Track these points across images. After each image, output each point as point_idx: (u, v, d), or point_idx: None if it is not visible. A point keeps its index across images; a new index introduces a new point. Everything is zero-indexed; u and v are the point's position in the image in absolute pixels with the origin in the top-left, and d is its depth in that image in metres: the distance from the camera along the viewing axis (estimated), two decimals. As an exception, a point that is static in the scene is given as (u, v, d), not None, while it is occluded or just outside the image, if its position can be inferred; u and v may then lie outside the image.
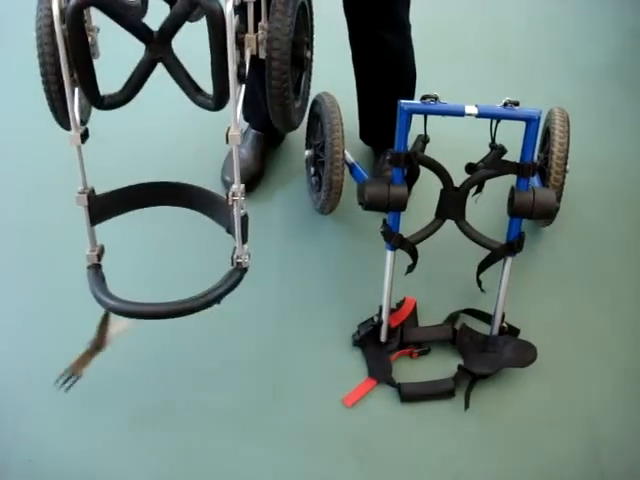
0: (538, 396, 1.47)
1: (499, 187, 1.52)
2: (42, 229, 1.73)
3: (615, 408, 1.47)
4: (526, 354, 1.48)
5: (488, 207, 1.60)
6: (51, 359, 1.43)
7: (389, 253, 1.48)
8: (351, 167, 1.73)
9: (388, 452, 1.38)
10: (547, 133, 1.74)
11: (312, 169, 1.79)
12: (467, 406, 1.44)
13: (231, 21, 1.07)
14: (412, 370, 1.50)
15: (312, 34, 1.52)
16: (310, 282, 1.67)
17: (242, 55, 1.17)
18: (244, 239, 1.27)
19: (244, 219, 1.25)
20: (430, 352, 1.53)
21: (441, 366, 1.50)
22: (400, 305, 1.59)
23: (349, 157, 1.73)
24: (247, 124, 1.85)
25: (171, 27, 1.14)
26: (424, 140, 1.43)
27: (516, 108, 1.39)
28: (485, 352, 1.51)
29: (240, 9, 1.16)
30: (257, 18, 1.22)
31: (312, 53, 1.54)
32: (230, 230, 1.28)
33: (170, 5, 1.18)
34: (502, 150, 1.42)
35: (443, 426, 1.42)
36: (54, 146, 1.58)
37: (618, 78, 2.35)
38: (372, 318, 1.54)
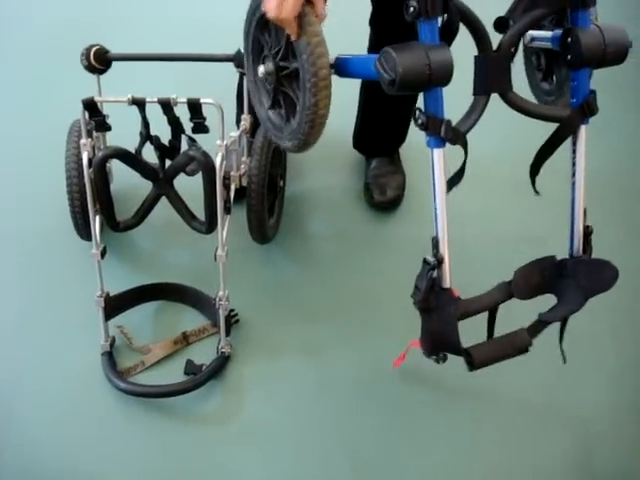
0: (531, 399, 1.49)
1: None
2: (35, 234, 1.75)
3: (608, 412, 1.49)
4: (604, 273, 1.18)
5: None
6: (41, 364, 1.51)
7: (436, 152, 1.07)
8: (339, 65, 1.19)
9: (380, 459, 1.40)
10: None
11: (269, 88, 1.26)
12: (565, 359, 1.24)
13: (220, 170, 1.38)
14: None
15: (285, 167, 1.81)
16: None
17: (228, 193, 1.47)
18: (227, 333, 1.51)
19: (228, 318, 1.51)
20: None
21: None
22: None
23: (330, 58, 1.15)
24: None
25: (173, 172, 1.48)
26: None
27: None
28: (562, 282, 1.21)
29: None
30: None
31: (284, 182, 1.80)
32: (216, 324, 1.53)
33: (173, 134, 1.47)
34: None
35: (436, 433, 1.43)
36: (43, 152, 1.63)
37: (609, 88, 2.37)
38: (425, 261, 1.13)
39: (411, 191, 1.87)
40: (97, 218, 1.46)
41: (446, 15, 1.03)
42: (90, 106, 1.39)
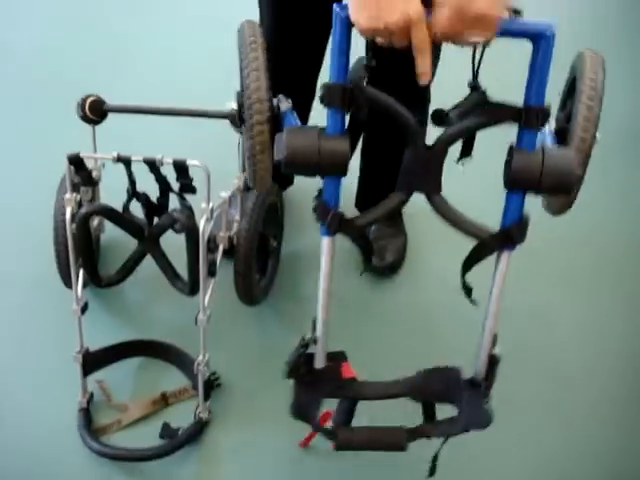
0: (501, 449, 1.44)
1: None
2: (22, 282, 1.72)
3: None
4: (480, 414, 1.14)
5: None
6: (18, 417, 1.48)
7: (325, 240, 1.08)
8: (281, 117, 1.16)
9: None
10: (572, 84, 1.25)
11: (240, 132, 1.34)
12: (432, 473, 1.21)
13: (204, 234, 1.34)
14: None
15: (282, 228, 1.75)
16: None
17: (213, 256, 1.44)
18: (206, 398, 1.46)
19: (207, 383, 1.46)
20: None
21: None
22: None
23: (284, 104, 1.17)
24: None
25: (158, 231, 1.46)
26: (369, 64, 0.94)
27: (517, 20, 0.90)
28: (461, 398, 1.18)
29: None
30: None
31: (279, 243, 1.75)
32: (195, 387, 1.47)
33: (161, 192, 1.44)
34: (484, 95, 0.99)
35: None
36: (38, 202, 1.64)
37: (633, 144, 2.28)
38: (302, 337, 1.16)
39: (413, 253, 1.81)
40: (80, 273, 1.44)
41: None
42: (76, 161, 1.37)
